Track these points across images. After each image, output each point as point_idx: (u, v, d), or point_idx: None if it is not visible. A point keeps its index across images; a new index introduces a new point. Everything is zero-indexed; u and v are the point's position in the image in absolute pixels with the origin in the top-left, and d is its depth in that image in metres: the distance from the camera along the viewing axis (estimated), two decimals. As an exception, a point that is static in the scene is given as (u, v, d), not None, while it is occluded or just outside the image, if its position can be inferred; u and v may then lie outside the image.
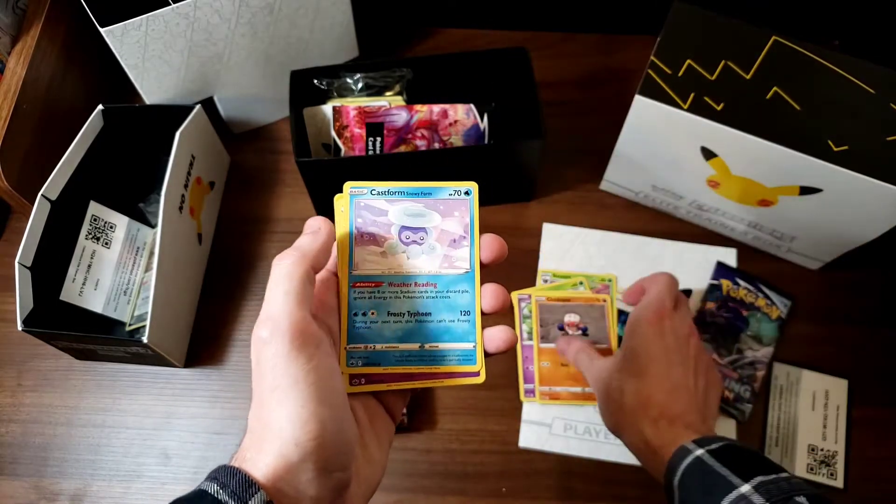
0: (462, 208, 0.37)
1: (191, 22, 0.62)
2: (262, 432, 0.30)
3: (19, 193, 0.63)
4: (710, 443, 0.43)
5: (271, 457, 0.29)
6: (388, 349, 0.35)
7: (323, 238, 0.33)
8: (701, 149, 0.59)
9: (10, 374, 0.65)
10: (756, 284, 0.66)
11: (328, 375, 0.31)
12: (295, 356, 0.30)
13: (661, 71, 0.58)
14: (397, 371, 0.35)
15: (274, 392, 0.30)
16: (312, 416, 0.29)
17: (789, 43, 0.58)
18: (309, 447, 0.29)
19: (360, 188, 0.36)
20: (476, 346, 0.36)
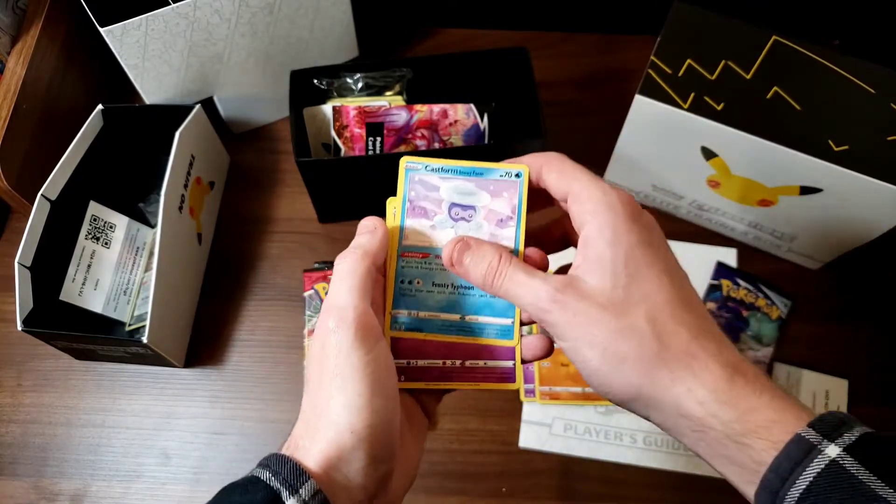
0: (511, 190, 0.37)
1: (191, 22, 0.62)
2: (316, 419, 0.31)
3: (19, 193, 0.62)
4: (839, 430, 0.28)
5: (325, 443, 0.30)
6: (430, 317, 0.37)
7: (380, 236, 0.35)
8: (701, 149, 0.59)
9: (9, 374, 0.65)
10: (756, 284, 0.66)
11: (384, 367, 0.32)
12: (357, 346, 0.31)
13: (661, 71, 0.58)
14: (437, 339, 0.36)
15: (334, 379, 0.31)
16: (368, 404, 0.30)
17: (789, 43, 0.58)
18: (363, 435, 0.30)
19: (415, 163, 0.37)
20: (514, 321, 0.36)
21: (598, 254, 0.32)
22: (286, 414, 0.63)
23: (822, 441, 0.28)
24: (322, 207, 0.70)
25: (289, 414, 0.63)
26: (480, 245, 0.35)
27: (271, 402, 0.64)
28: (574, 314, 0.31)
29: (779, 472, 0.28)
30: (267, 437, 0.62)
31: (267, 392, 0.64)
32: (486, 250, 0.35)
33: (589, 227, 0.32)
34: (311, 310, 0.65)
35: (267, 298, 0.68)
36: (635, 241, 0.32)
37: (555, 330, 0.32)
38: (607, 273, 0.31)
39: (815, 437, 0.28)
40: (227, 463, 0.61)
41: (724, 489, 0.60)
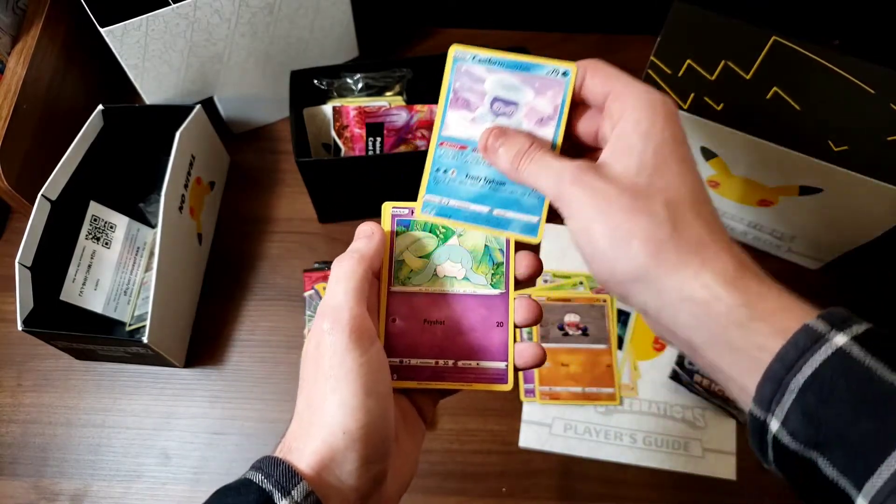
0: (556, 88, 0.37)
1: (191, 22, 0.62)
2: (310, 419, 0.31)
3: (19, 193, 0.63)
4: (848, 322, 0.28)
5: (318, 444, 0.30)
6: (460, 206, 0.37)
7: (377, 241, 0.35)
8: (701, 149, 0.59)
9: (10, 374, 0.65)
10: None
11: (378, 368, 0.32)
12: (352, 348, 0.31)
13: (661, 71, 0.58)
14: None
15: (328, 380, 0.31)
16: (361, 405, 0.30)
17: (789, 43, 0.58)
18: (356, 435, 0.30)
19: (464, 52, 0.37)
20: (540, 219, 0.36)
21: (629, 143, 0.32)
22: (286, 414, 0.63)
23: (830, 331, 0.28)
24: (322, 207, 0.70)
25: (289, 414, 0.62)
26: (516, 133, 0.35)
27: (271, 402, 0.64)
28: (592, 192, 0.31)
29: (785, 361, 0.28)
30: (267, 437, 0.62)
31: (267, 392, 0.64)
32: (520, 137, 0.35)
33: (625, 120, 0.32)
34: (311, 310, 0.65)
35: (267, 298, 0.68)
36: (669, 137, 0.32)
37: (570, 209, 0.32)
38: (634, 160, 0.32)
39: (823, 327, 0.28)
40: (227, 463, 0.61)
41: (723, 489, 0.60)
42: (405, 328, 0.37)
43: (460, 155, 0.38)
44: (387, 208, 0.38)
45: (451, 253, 0.38)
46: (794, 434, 0.27)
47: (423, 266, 0.38)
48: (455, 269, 0.38)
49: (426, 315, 0.37)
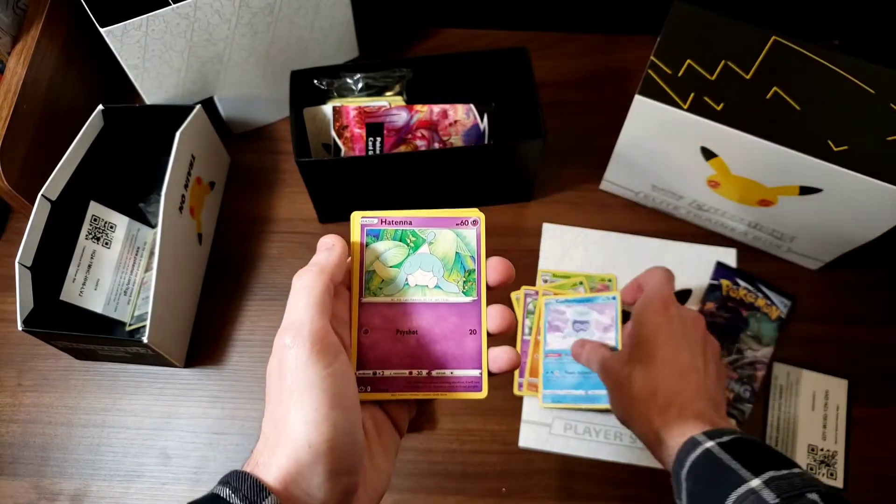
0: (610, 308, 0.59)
1: (191, 22, 0.62)
2: (276, 435, 0.31)
3: (19, 193, 0.63)
4: (721, 435, 0.42)
5: (283, 459, 0.30)
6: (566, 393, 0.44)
7: (337, 253, 0.35)
8: (701, 149, 0.59)
9: (10, 374, 0.65)
10: (756, 284, 0.66)
11: (343, 381, 0.32)
12: (314, 362, 0.31)
13: (661, 71, 0.58)
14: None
15: (291, 395, 0.31)
16: (326, 418, 0.30)
17: (789, 43, 0.58)
18: (321, 449, 0.30)
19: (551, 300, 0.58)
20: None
21: (628, 334, 0.54)
22: (286, 414, 0.63)
23: (705, 440, 0.42)
24: (322, 207, 0.70)
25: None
26: (590, 342, 0.58)
27: (271, 402, 0.64)
28: (606, 378, 0.53)
29: (679, 460, 0.43)
30: (267, 436, 0.62)
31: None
32: (592, 344, 0.58)
33: (633, 321, 0.54)
34: (311, 310, 0.65)
35: (267, 298, 0.68)
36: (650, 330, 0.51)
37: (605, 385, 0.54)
38: (626, 347, 0.53)
39: (701, 438, 0.42)
40: (227, 463, 0.61)
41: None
42: (377, 339, 0.37)
43: (558, 360, 0.61)
44: (356, 218, 0.38)
45: (423, 262, 0.38)
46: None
47: (394, 276, 0.37)
48: (426, 277, 0.37)
49: (398, 325, 0.37)
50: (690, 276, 0.67)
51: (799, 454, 0.61)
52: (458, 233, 0.38)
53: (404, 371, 0.37)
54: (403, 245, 0.38)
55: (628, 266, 0.68)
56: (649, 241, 0.69)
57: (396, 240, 0.38)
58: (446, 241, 0.38)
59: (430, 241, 0.38)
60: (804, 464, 0.60)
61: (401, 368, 0.37)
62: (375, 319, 0.37)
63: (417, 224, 0.38)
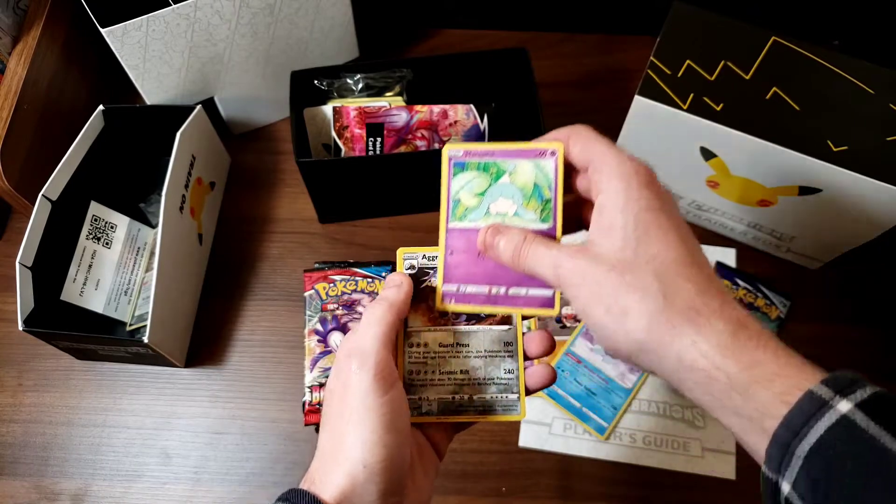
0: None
1: (191, 23, 0.62)
2: (333, 454, 0.34)
3: (20, 193, 0.63)
4: (852, 387, 0.28)
5: (340, 477, 0.33)
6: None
7: (405, 291, 0.38)
8: (700, 149, 0.59)
9: (10, 374, 0.65)
10: (755, 284, 0.66)
11: (398, 408, 0.34)
12: (375, 389, 0.34)
13: (660, 71, 0.58)
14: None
15: (352, 417, 0.34)
16: (381, 441, 0.33)
17: (789, 43, 0.58)
18: (375, 469, 0.33)
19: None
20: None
21: (610, 220, 0.33)
22: (286, 414, 0.63)
23: (834, 397, 0.28)
24: (322, 208, 0.70)
25: (289, 414, 0.63)
26: (510, 229, 0.38)
27: (271, 401, 0.64)
28: (583, 275, 0.33)
29: (790, 426, 0.28)
30: (267, 436, 0.62)
31: (267, 392, 0.64)
32: (514, 232, 0.37)
33: (603, 195, 0.34)
34: (311, 310, 0.65)
35: (267, 298, 0.68)
36: (645, 206, 0.33)
37: (568, 292, 0.35)
38: (617, 237, 0.33)
39: (827, 393, 0.28)
40: (228, 463, 0.61)
41: (723, 489, 0.60)
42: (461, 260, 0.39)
43: (575, 366, 0.62)
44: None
45: (503, 191, 0.39)
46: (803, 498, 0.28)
47: (477, 204, 0.39)
48: (507, 205, 0.39)
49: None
50: (690, 276, 0.67)
51: (799, 454, 0.61)
52: (537, 163, 0.39)
53: (485, 287, 0.39)
54: (486, 175, 0.40)
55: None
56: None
57: (480, 170, 0.40)
58: (525, 172, 0.39)
59: (510, 171, 0.40)
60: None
61: (482, 284, 0.39)
62: (460, 242, 0.40)
63: (499, 155, 0.40)
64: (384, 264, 0.67)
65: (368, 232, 0.71)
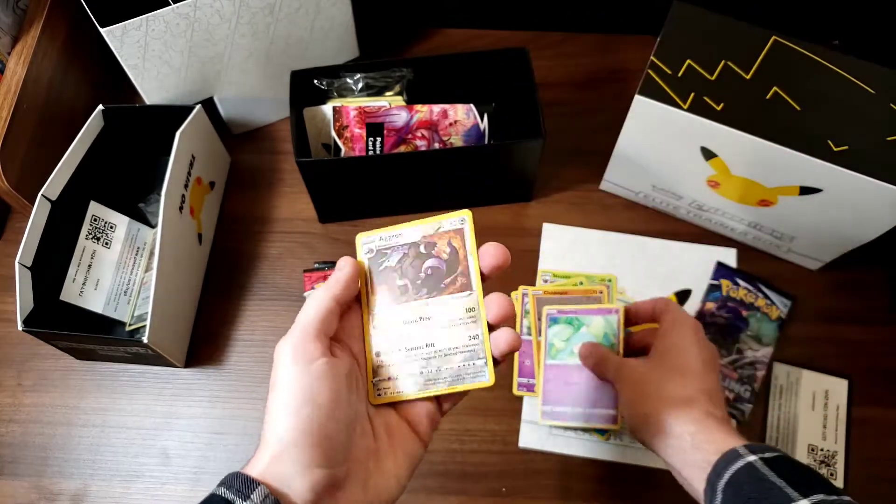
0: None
1: (191, 22, 0.62)
2: (263, 432, 0.35)
3: (19, 193, 0.63)
4: (763, 451, 0.41)
5: (264, 453, 0.34)
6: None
7: (346, 273, 0.39)
8: (701, 149, 0.59)
9: (10, 374, 0.65)
10: (756, 284, 0.66)
11: (319, 381, 0.35)
12: (293, 362, 0.35)
13: (661, 71, 0.58)
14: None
15: (272, 391, 0.35)
16: (296, 412, 0.34)
17: (789, 43, 0.58)
18: (288, 439, 0.33)
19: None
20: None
21: (657, 347, 0.52)
22: (286, 414, 0.63)
23: (748, 453, 0.41)
24: (322, 207, 0.70)
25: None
26: (601, 346, 0.57)
27: (271, 401, 0.64)
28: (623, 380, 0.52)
29: (716, 470, 0.41)
30: (267, 436, 0.62)
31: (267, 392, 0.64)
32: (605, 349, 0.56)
33: (664, 334, 0.52)
34: (312, 310, 0.65)
35: (267, 298, 0.68)
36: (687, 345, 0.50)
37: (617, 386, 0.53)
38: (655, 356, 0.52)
39: (743, 451, 0.41)
40: (227, 463, 0.61)
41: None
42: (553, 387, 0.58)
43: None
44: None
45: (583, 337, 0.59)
46: None
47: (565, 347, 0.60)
48: None
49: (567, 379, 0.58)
50: (690, 276, 0.67)
51: (799, 454, 0.61)
52: (607, 318, 0.58)
53: (569, 407, 0.59)
54: (571, 327, 0.59)
55: (628, 266, 0.68)
56: (649, 241, 0.69)
57: (567, 323, 0.60)
58: (598, 324, 0.58)
59: (587, 324, 0.59)
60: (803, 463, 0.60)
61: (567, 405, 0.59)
62: (552, 374, 0.59)
63: (581, 313, 0.59)
64: (384, 264, 0.67)
65: (368, 232, 0.71)
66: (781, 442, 0.61)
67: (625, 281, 0.67)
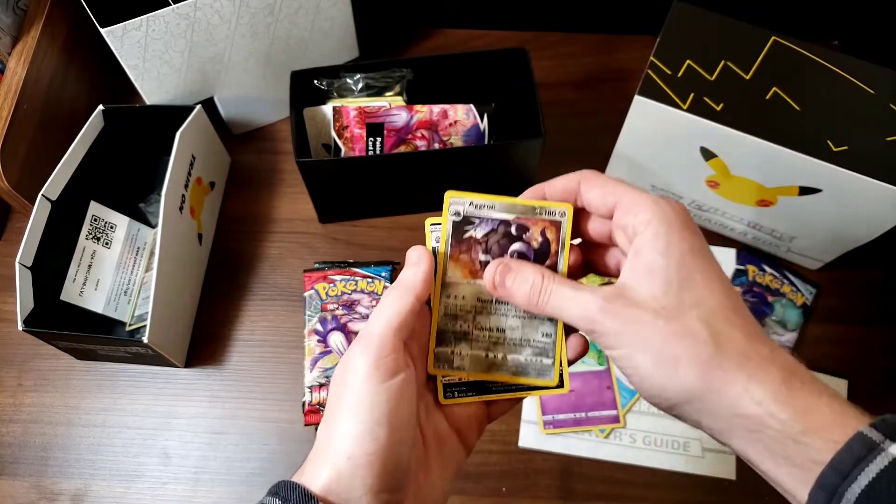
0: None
1: (191, 22, 0.62)
2: (325, 445, 0.32)
3: (20, 193, 0.63)
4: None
5: (326, 470, 0.31)
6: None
7: (424, 270, 0.34)
8: (700, 149, 0.59)
9: (10, 374, 0.65)
10: (781, 271, 0.67)
11: (397, 399, 0.32)
12: (372, 375, 0.31)
13: (660, 71, 0.58)
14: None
15: (344, 406, 0.32)
16: (368, 433, 0.31)
17: (789, 43, 0.58)
18: (360, 462, 0.30)
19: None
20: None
21: (649, 263, 0.32)
22: (286, 414, 0.63)
23: (884, 440, 0.27)
24: (322, 208, 0.70)
25: (289, 414, 0.63)
26: (521, 265, 0.35)
27: (271, 401, 0.64)
28: (625, 322, 0.31)
29: (839, 468, 0.27)
30: (267, 436, 0.62)
31: (267, 392, 0.64)
32: (528, 269, 0.34)
33: (641, 237, 0.32)
34: (311, 310, 0.65)
35: (267, 298, 0.68)
36: (687, 249, 0.32)
37: (605, 340, 0.32)
38: (659, 281, 0.31)
39: (877, 436, 0.27)
40: (228, 463, 0.61)
41: (723, 489, 0.60)
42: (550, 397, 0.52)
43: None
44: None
45: None
46: None
47: None
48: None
49: None
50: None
51: (799, 454, 0.61)
52: None
53: (571, 414, 0.60)
54: None
55: (628, 266, 0.68)
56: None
57: None
58: None
59: None
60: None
61: (569, 413, 0.60)
62: None
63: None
64: (384, 264, 0.67)
65: (368, 232, 0.71)
66: (781, 442, 0.61)
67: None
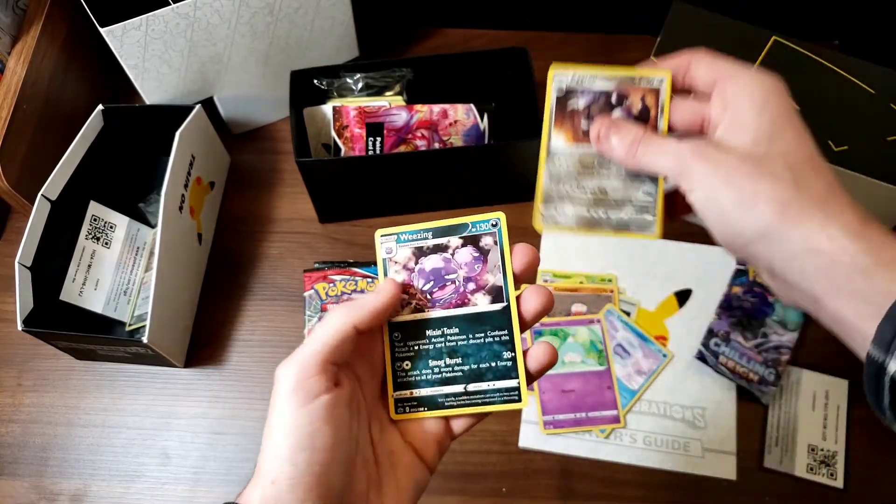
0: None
1: (191, 22, 0.62)
2: (258, 466, 0.32)
3: (19, 193, 0.63)
4: None
5: (257, 494, 0.31)
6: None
7: (381, 300, 0.34)
8: (701, 149, 0.59)
9: (10, 374, 0.65)
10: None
11: (317, 422, 0.31)
12: (290, 400, 0.31)
13: (661, 71, 0.58)
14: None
15: (268, 427, 0.32)
16: (287, 458, 0.30)
17: (789, 43, 0.58)
18: (283, 486, 0.30)
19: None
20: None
21: (744, 118, 0.33)
22: (286, 414, 0.63)
23: None
24: (322, 207, 0.70)
25: (289, 414, 0.63)
26: (625, 122, 0.37)
27: (271, 402, 0.64)
28: (715, 163, 0.33)
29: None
30: (267, 436, 0.62)
31: (267, 392, 0.63)
32: (631, 126, 0.37)
33: (739, 97, 0.34)
34: (311, 310, 0.65)
35: (267, 298, 0.68)
36: (782, 111, 0.33)
37: (693, 181, 0.34)
38: (749, 133, 0.33)
39: None
40: (227, 463, 0.61)
41: (723, 489, 0.60)
42: (551, 398, 0.56)
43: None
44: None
45: (571, 348, 0.62)
46: None
47: None
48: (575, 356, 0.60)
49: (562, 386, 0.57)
50: (690, 276, 0.67)
51: (799, 454, 0.61)
52: (591, 329, 0.62)
53: (571, 414, 0.60)
54: (557, 338, 0.62)
55: (628, 266, 0.68)
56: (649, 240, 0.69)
57: (552, 335, 0.62)
58: (584, 335, 0.62)
59: (573, 334, 0.61)
60: (804, 464, 0.60)
61: (569, 413, 0.60)
62: (547, 385, 0.61)
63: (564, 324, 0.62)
64: (384, 264, 0.67)
65: (368, 232, 0.71)
66: (781, 442, 0.61)
67: (625, 281, 0.67)
